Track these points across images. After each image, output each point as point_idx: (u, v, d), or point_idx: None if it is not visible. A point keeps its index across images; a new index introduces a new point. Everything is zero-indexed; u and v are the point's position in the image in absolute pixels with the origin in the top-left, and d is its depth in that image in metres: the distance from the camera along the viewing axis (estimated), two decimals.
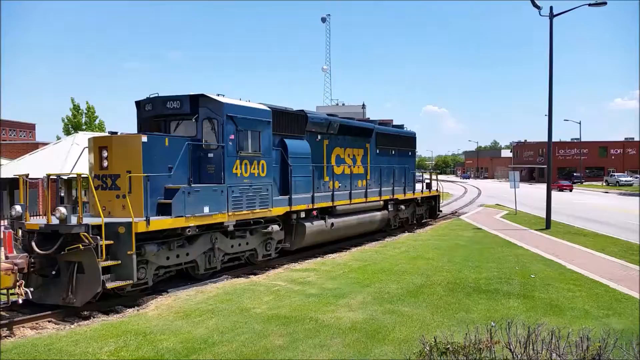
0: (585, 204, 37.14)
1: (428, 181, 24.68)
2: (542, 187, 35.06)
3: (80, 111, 35.94)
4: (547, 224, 21.55)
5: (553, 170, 22.88)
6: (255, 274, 12.82)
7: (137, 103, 13.11)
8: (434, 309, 9.09)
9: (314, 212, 15.30)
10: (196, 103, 12.11)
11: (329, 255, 15.55)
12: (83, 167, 11.84)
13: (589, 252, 15.41)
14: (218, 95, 12.34)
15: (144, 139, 10.72)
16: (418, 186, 23.15)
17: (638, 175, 71.36)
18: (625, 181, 65.85)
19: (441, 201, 26.65)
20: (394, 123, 23.60)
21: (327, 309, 9.16)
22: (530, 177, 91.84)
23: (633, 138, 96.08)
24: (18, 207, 10.34)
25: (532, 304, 9.43)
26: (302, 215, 14.77)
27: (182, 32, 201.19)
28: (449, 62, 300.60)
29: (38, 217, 19.97)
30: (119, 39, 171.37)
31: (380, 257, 14.76)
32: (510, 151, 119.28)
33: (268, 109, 13.66)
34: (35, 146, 29.59)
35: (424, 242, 17.80)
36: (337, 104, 79.17)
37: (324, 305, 9.46)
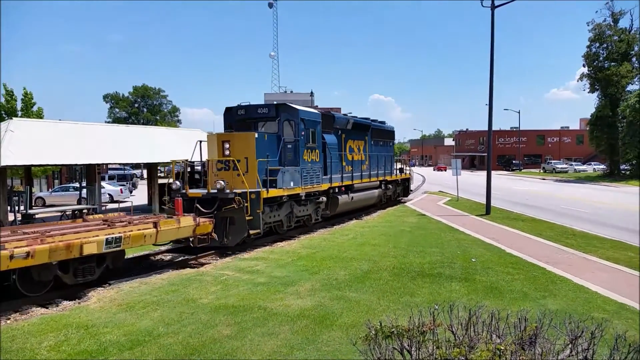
0: (523, 190, 38.68)
1: (401, 166, 30.32)
2: (482, 174, 36.31)
3: (14, 97, 34.07)
4: (487, 210, 22.30)
5: (491, 157, 23.73)
6: (201, 264, 12.66)
7: (229, 108, 17.47)
8: (380, 294, 9.26)
9: (342, 188, 20.16)
10: (279, 109, 16.55)
11: (278, 243, 15.54)
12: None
13: (527, 236, 16.06)
14: (291, 103, 17.18)
15: (256, 135, 15.00)
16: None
17: (573, 163, 74.88)
18: (561, 168, 68.95)
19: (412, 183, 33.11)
20: (344, 111, 24.78)
21: (275, 297, 9.16)
22: (471, 164, 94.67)
23: (568, 127, 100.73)
24: (178, 182, 15.10)
25: (473, 287, 9.75)
26: (336, 190, 19.52)
27: (122, 14, 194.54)
28: (395, 52, 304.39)
29: None
30: (56, 19, 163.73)
31: (328, 244, 14.87)
32: (453, 139, 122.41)
33: (319, 112, 18.56)
34: None
35: (370, 228, 18.07)
36: (286, 92, 78.73)
37: (273, 293, 9.46)
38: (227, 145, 14.90)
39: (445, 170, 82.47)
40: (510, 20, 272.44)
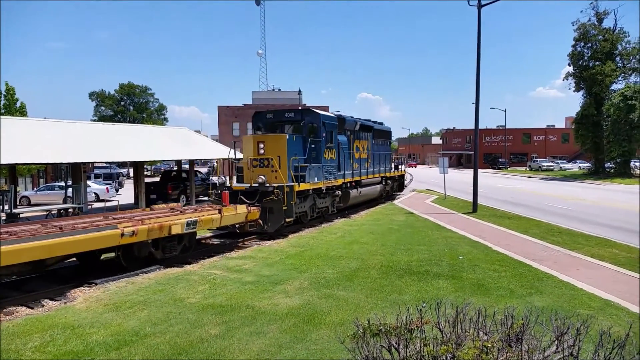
0: (510, 188, 38.95)
1: (395, 164, 32.56)
2: (469, 173, 36.38)
3: None
4: (474, 208, 22.45)
5: (477, 156, 23.97)
6: (189, 263, 12.60)
7: (258, 112, 19.92)
8: (368, 292, 9.28)
9: (353, 183, 22.43)
10: (303, 114, 19.00)
11: (266, 242, 15.51)
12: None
13: (513, 233, 16.18)
14: (313, 107, 18.82)
15: (287, 137, 17.16)
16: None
17: (558, 161, 75.54)
18: (547, 166, 69.50)
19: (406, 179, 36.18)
20: (331, 109, 25.52)
21: (263, 296, 9.14)
22: (458, 163, 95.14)
23: (554, 125, 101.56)
24: (223, 177, 18.61)
25: (460, 284, 9.81)
26: (348, 185, 21.78)
27: (107, 12, 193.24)
28: (383, 51, 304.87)
29: None
30: (42, 17, 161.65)
31: (316, 242, 14.87)
32: (440, 138, 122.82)
33: (335, 116, 20.94)
34: None
35: (359, 227, 18.10)
36: (274, 90, 78.52)
37: (261, 292, 9.44)
38: (261, 146, 17.13)
39: (415, 167, 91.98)
40: (497, 19, 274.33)
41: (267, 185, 16.13)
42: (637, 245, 14.11)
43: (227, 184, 16.55)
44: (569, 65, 55.26)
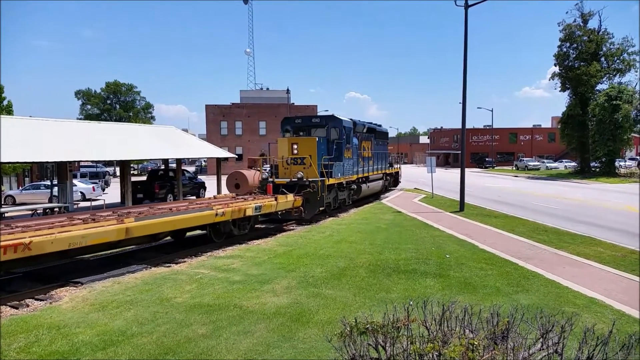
0: (496, 187, 39.22)
1: (390, 161, 34.52)
2: (456, 172, 36.52)
3: None
4: (461, 207, 22.57)
5: (465, 155, 24.21)
6: (176, 263, 12.53)
7: (287, 118, 23.51)
8: (356, 291, 9.30)
9: (363, 179, 25.23)
10: (327, 119, 22.15)
11: (254, 241, 15.48)
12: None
13: (500, 232, 16.30)
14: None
15: (317, 139, 20.28)
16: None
17: (545, 160, 76.19)
18: (533, 165, 70.09)
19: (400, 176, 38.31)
20: (319, 109, 26.33)
21: (251, 296, 9.12)
22: (446, 162, 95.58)
23: (540, 125, 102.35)
24: (266, 174, 20.74)
25: (447, 282, 9.86)
26: (360, 180, 24.61)
27: (92, 9, 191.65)
28: (371, 50, 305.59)
29: None
30: (27, 15, 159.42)
31: (305, 241, 14.86)
32: (428, 137, 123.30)
33: (352, 120, 23.64)
34: None
35: (347, 226, 18.12)
36: (262, 89, 78.37)
37: (249, 291, 9.42)
38: (295, 146, 20.15)
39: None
40: (484, 19, 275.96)
41: (305, 179, 19.05)
42: (621, 244, 14.30)
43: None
44: (555, 65, 55.79)
